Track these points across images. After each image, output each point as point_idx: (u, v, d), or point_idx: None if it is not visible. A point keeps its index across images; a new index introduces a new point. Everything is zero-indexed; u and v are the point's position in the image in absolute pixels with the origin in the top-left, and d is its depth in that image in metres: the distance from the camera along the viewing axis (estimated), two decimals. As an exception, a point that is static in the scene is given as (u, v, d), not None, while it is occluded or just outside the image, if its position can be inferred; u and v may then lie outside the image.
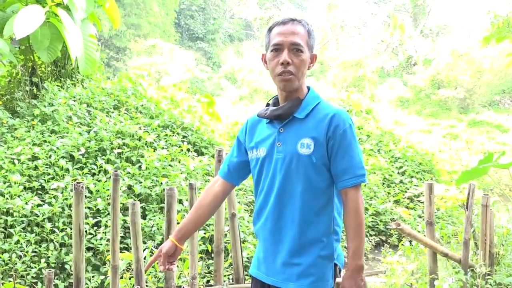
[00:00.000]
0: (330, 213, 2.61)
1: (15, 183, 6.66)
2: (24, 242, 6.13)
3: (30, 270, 5.92)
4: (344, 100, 14.93)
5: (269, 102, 2.80)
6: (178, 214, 5.51)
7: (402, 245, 6.65)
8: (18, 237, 6.10)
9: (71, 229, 6.28)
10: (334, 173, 2.58)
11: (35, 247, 6.17)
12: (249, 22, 45.91)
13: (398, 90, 33.38)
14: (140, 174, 7.44)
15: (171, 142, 8.45)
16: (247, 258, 6.73)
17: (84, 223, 4.16)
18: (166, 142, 8.42)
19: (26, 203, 6.44)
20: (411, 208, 10.57)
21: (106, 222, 6.53)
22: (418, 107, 30.85)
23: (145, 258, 5.04)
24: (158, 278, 5.46)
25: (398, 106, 30.81)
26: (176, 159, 8.01)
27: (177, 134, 8.77)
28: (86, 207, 6.66)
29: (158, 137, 8.41)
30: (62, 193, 6.81)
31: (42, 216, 6.42)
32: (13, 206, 6.32)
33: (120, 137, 8.01)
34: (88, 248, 6.39)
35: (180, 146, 8.39)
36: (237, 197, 7.86)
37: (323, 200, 2.59)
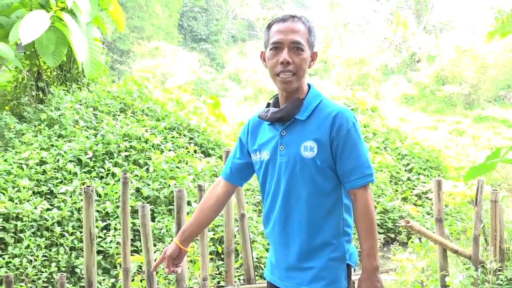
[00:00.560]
0: (338, 214, 2.56)
1: (24, 188, 6.67)
2: (34, 247, 6.13)
3: (41, 274, 5.92)
4: (349, 98, 14.90)
5: (269, 102, 2.74)
6: (187, 215, 5.51)
7: (411, 242, 6.65)
8: (28, 241, 6.11)
9: (81, 232, 6.29)
10: (340, 174, 2.52)
11: (45, 252, 6.18)
12: (252, 23, 45.87)
13: (402, 87, 33.30)
14: (147, 176, 7.46)
15: (178, 144, 8.47)
16: (257, 259, 6.74)
17: (94, 227, 4.17)
18: (173, 144, 8.44)
19: (35, 208, 6.45)
20: (419, 205, 10.56)
21: (115, 225, 6.54)
22: (423, 104, 30.77)
23: (155, 260, 5.04)
24: (169, 280, 5.47)
25: (403, 103, 30.75)
26: (183, 161, 8.02)
27: (183, 136, 8.79)
28: (95, 210, 6.67)
29: (165, 139, 8.43)
30: (71, 197, 6.83)
31: (52, 220, 6.43)
32: (22, 211, 6.34)
33: (127, 140, 8.03)
34: (98, 251, 6.40)
35: (187, 148, 8.41)
36: (245, 197, 7.85)
37: (331, 202, 2.54)
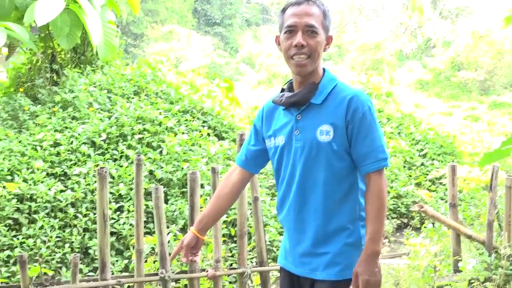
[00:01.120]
0: (354, 198, 2.55)
1: (38, 169, 6.72)
2: (48, 228, 6.18)
3: (55, 255, 5.98)
4: (363, 83, 14.81)
5: (283, 87, 2.71)
6: (200, 198, 5.52)
7: (424, 227, 6.63)
8: (42, 222, 6.17)
9: (94, 214, 6.33)
10: (355, 157, 2.50)
11: (59, 232, 6.23)
12: (265, 7, 45.67)
13: (417, 72, 33.08)
14: (161, 159, 7.47)
15: (192, 127, 8.46)
16: (269, 242, 6.75)
17: (108, 208, 4.18)
18: (187, 127, 8.44)
19: (49, 189, 6.50)
20: (433, 190, 10.52)
21: (129, 207, 6.57)
22: (438, 90, 30.56)
23: (168, 242, 5.06)
24: (182, 262, 5.48)
25: (418, 89, 30.56)
26: (196, 144, 8.03)
27: (197, 119, 8.79)
28: (108, 192, 6.69)
29: (178, 122, 8.42)
30: (85, 178, 6.86)
31: (65, 201, 6.48)
32: (36, 192, 6.39)
33: (140, 122, 8.03)
34: (111, 233, 6.41)
35: (200, 131, 8.40)
36: (258, 180, 7.85)
37: (347, 186, 2.53)
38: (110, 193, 6.75)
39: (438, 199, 9.88)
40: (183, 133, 8.14)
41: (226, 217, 6.57)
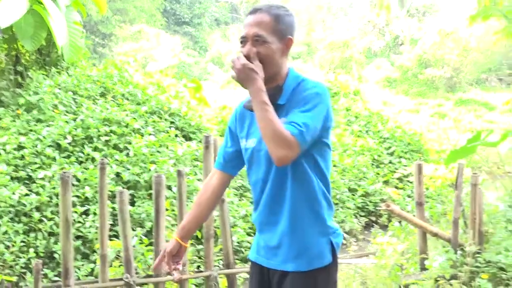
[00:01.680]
0: (318, 188, 2.59)
1: (1, 173, 6.59)
2: (12, 233, 6.05)
3: (19, 260, 5.86)
4: (331, 82, 14.83)
5: None
6: (166, 200, 5.47)
7: (392, 225, 6.67)
8: (5, 227, 6.03)
9: (59, 218, 6.25)
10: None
11: (24, 237, 6.11)
12: (235, 5, 45.74)
13: (385, 70, 33.41)
14: (128, 161, 7.40)
15: (159, 128, 8.39)
16: (238, 243, 6.74)
17: (71, 213, 4.12)
18: (154, 128, 8.36)
19: (13, 193, 6.36)
20: (401, 188, 10.60)
21: (95, 210, 6.48)
22: (405, 87, 30.89)
23: (134, 246, 5.01)
24: (148, 265, 5.44)
25: (386, 87, 30.85)
26: (164, 145, 7.96)
27: (164, 120, 8.72)
28: (74, 196, 6.61)
29: (145, 123, 8.35)
30: (50, 182, 6.75)
31: (30, 205, 6.35)
32: (0, 197, 6.27)
33: (107, 124, 7.94)
34: (77, 236, 6.35)
35: (168, 132, 8.33)
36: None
37: (311, 177, 2.57)
38: (76, 196, 6.67)
39: (405, 197, 9.96)
40: (150, 134, 8.07)
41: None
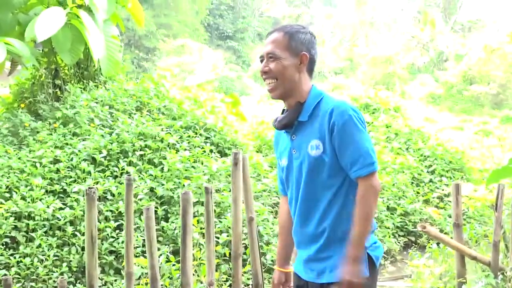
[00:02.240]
0: (348, 203, 2.64)
1: (37, 187, 6.63)
2: (45, 246, 6.09)
3: (52, 274, 5.88)
4: (371, 98, 14.63)
5: (284, 108, 2.86)
6: (195, 218, 5.41)
7: (429, 247, 6.47)
8: (39, 241, 6.07)
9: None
10: (344, 166, 2.61)
11: (57, 251, 6.14)
12: (278, 20, 45.77)
13: (429, 86, 32.99)
14: (162, 176, 7.37)
15: (194, 144, 8.34)
16: (272, 261, 6.61)
17: (96, 229, 4.07)
18: (189, 143, 8.32)
19: (47, 207, 6.40)
20: (441, 207, 10.32)
21: (128, 225, 6.46)
22: (449, 104, 30.41)
23: (160, 264, 4.94)
24: (175, 285, 5.37)
25: (430, 103, 30.41)
26: (198, 161, 7.91)
27: (199, 135, 8.67)
28: (108, 210, 6.62)
29: (180, 138, 8.31)
30: (84, 196, 6.76)
31: (64, 219, 6.39)
32: (34, 210, 6.30)
33: (142, 139, 7.94)
34: (110, 251, 6.34)
35: (202, 148, 8.28)
36: (261, 198, 7.74)
37: (344, 194, 2.65)
38: (110, 210, 6.66)
39: (446, 217, 9.68)
40: (185, 149, 8.03)
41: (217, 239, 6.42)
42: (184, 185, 7.15)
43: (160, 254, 5.36)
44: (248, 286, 5.44)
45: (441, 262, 6.07)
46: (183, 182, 7.19)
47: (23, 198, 6.46)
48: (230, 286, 5.79)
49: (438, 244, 6.39)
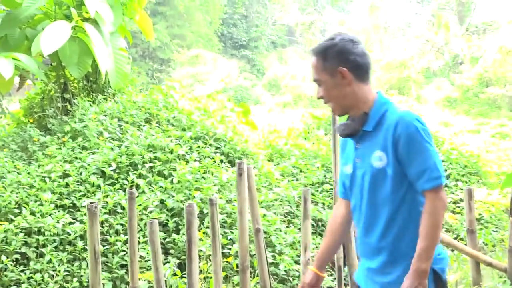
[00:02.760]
0: (417, 217, 2.58)
1: (46, 201, 6.59)
2: (56, 261, 6.02)
3: (63, 290, 5.84)
4: (384, 103, 14.52)
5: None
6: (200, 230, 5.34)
7: (444, 253, 6.35)
8: (50, 256, 6.01)
9: (104, 246, 6.22)
10: (410, 178, 2.58)
11: (68, 266, 6.06)
12: (291, 28, 45.78)
13: (445, 90, 32.71)
14: (172, 188, 7.30)
15: (204, 154, 8.27)
16: (285, 271, 6.51)
17: (99, 244, 4.02)
18: (199, 154, 8.24)
19: (57, 222, 6.34)
20: (457, 212, 10.16)
21: (139, 238, 6.40)
22: (466, 107, 30.12)
23: (166, 278, 4.88)
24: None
25: (446, 107, 30.16)
26: (208, 172, 7.84)
27: (209, 145, 8.60)
28: (118, 223, 6.56)
29: (190, 149, 8.24)
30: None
31: (74, 234, 6.32)
32: (44, 225, 6.25)
33: (151, 151, 7.88)
34: (121, 265, 6.28)
35: (212, 158, 8.21)
36: (273, 207, 7.66)
37: (408, 208, 2.62)
38: (121, 224, 6.61)
39: (462, 222, 9.50)
40: (195, 160, 7.96)
41: (229, 250, 6.34)
42: (194, 196, 7.08)
43: (166, 268, 5.30)
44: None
45: (456, 269, 5.96)
46: (193, 193, 7.13)
47: (33, 214, 6.41)
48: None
49: (452, 250, 6.27)
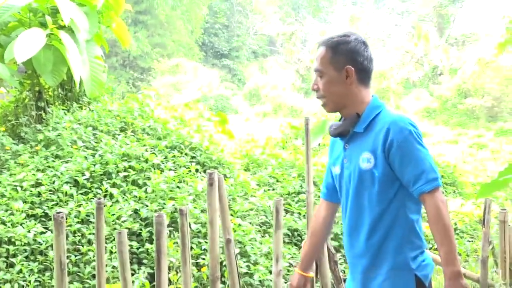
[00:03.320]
0: (403, 222, 2.60)
1: (17, 211, 6.49)
2: (27, 272, 5.92)
3: (33, 300, 5.75)
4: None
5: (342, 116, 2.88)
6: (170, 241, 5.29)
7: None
8: (20, 266, 5.91)
9: (76, 256, 6.16)
10: (406, 183, 2.55)
11: (38, 276, 5.97)
12: (272, 38, 45.85)
13: (424, 100, 32.97)
14: (146, 197, 7.24)
15: (179, 163, 8.21)
16: (259, 281, 6.48)
17: (65, 255, 3.95)
18: (174, 163, 8.18)
19: (28, 231, 6.24)
20: (433, 223, 10.19)
21: (111, 248, 6.34)
22: (445, 117, 30.38)
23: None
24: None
25: (425, 117, 30.42)
26: (184, 181, 7.79)
27: (185, 154, 8.54)
28: (90, 233, 6.48)
29: (165, 158, 8.17)
30: (66, 219, 6.63)
31: (45, 244, 6.22)
32: (15, 235, 6.15)
33: (126, 159, 7.80)
34: (93, 275, 6.20)
35: (188, 167, 8.16)
36: (248, 217, 7.62)
37: (395, 211, 2.59)
38: (93, 234, 6.52)
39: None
40: (170, 169, 7.90)
41: (203, 260, 6.30)
42: (168, 206, 7.02)
43: (135, 279, 5.24)
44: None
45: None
46: (168, 203, 7.07)
47: (3, 223, 6.32)
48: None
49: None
